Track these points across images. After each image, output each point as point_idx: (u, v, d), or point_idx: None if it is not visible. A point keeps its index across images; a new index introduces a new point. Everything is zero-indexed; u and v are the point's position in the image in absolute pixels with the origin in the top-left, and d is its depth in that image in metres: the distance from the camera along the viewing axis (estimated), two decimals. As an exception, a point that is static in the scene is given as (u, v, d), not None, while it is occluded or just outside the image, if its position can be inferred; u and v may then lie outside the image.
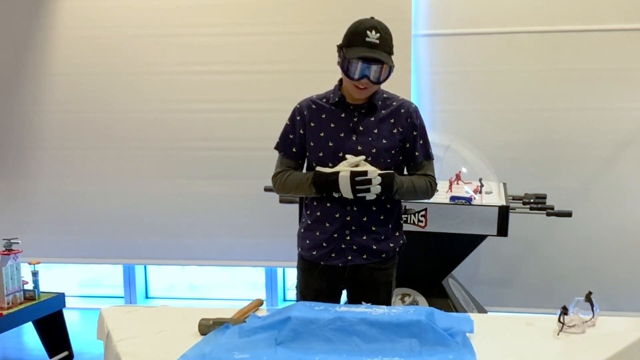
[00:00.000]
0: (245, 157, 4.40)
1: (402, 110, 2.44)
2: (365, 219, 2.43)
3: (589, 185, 4.22)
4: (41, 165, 4.66)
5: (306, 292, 2.51)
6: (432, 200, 3.26)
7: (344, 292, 2.59)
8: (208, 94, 4.43)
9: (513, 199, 3.62)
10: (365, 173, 2.29)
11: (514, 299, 4.39)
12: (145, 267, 5.07)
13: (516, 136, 4.24)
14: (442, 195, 3.37)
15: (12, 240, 3.58)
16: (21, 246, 3.62)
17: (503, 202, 3.28)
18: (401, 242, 2.55)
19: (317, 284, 2.49)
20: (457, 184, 3.55)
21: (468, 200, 3.24)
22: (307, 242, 2.51)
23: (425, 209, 3.22)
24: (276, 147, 2.54)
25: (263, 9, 4.34)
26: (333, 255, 2.46)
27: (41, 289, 3.72)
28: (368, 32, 2.30)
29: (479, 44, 4.22)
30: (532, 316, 2.19)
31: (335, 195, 2.37)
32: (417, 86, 4.30)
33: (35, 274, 3.66)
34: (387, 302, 2.53)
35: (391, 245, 2.50)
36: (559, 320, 2.01)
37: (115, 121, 4.55)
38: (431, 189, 2.49)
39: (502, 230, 3.19)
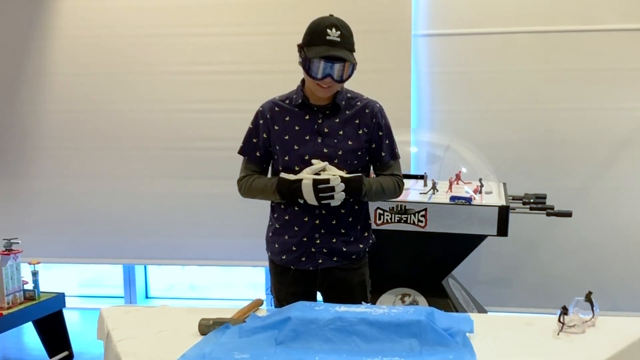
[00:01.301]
0: (245, 157, 4.40)
1: (367, 110, 2.43)
2: (334, 222, 2.42)
3: (589, 185, 4.22)
4: (41, 165, 4.67)
5: (281, 296, 2.50)
6: (432, 200, 3.28)
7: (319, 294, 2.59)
8: (208, 94, 4.43)
9: (513, 199, 3.62)
10: (327, 181, 2.27)
11: (514, 299, 4.39)
12: (145, 267, 5.07)
13: (516, 136, 4.24)
14: (442, 195, 3.37)
15: (12, 240, 3.58)
16: (21, 246, 3.62)
17: (503, 202, 3.27)
18: (370, 241, 2.56)
19: (291, 287, 2.48)
20: (457, 184, 3.55)
21: (468, 200, 3.24)
22: (276, 246, 2.49)
23: (425, 209, 3.22)
24: (240, 152, 2.50)
25: (263, 9, 4.34)
26: (303, 259, 2.45)
27: (41, 289, 3.72)
28: (328, 30, 2.27)
29: (479, 44, 4.22)
30: (532, 316, 2.19)
31: (300, 201, 2.35)
32: (417, 86, 4.30)
33: (35, 274, 3.67)
34: (365, 301, 2.52)
35: (361, 246, 2.50)
36: (559, 320, 2.01)
37: (115, 121, 4.55)
38: (399, 189, 2.49)
39: (502, 230, 3.19)
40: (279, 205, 2.47)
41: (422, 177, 3.65)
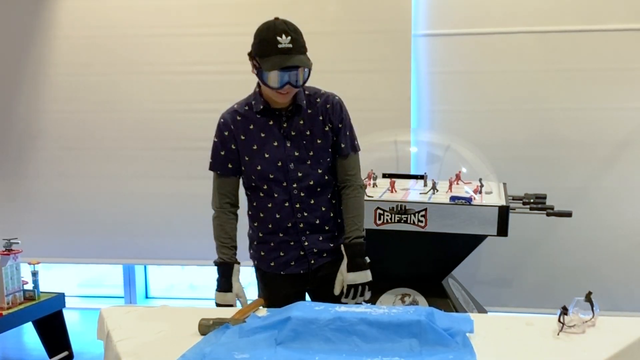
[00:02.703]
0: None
1: (328, 106, 2.41)
2: (317, 222, 2.43)
3: (589, 185, 4.22)
4: (41, 165, 4.67)
5: (271, 300, 2.45)
6: (432, 200, 3.28)
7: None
8: (208, 94, 4.43)
9: (513, 199, 3.62)
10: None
11: (514, 299, 4.39)
12: (145, 267, 5.07)
13: (516, 136, 4.24)
14: (442, 195, 3.37)
15: (12, 240, 3.58)
16: (21, 246, 3.62)
17: (503, 202, 3.27)
18: None
19: (281, 291, 2.46)
20: (457, 184, 3.55)
21: (468, 200, 3.24)
22: (262, 253, 2.49)
23: (425, 209, 3.22)
24: (211, 168, 2.46)
25: (263, 9, 4.32)
26: (292, 263, 2.45)
27: (41, 289, 3.72)
28: (279, 38, 2.21)
29: (479, 44, 4.22)
30: (532, 316, 2.19)
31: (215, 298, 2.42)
32: (417, 86, 4.30)
33: (35, 274, 3.67)
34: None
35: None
36: (559, 320, 2.00)
37: (115, 121, 4.56)
38: (363, 195, 2.50)
39: (502, 230, 3.19)
40: (258, 214, 2.45)
41: (422, 177, 3.65)
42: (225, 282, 2.41)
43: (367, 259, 2.44)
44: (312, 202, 2.41)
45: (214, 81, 4.42)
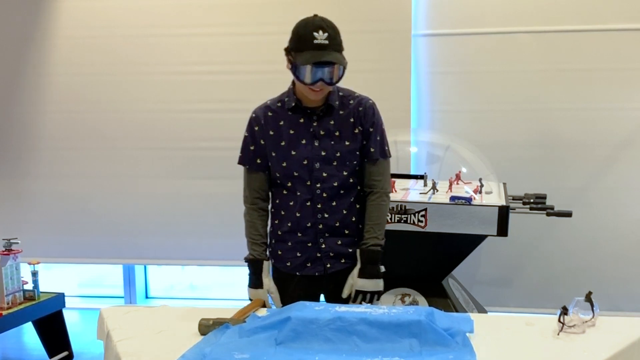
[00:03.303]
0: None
1: (360, 108, 2.40)
2: (337, 225, 2.42)
3: (589, 185, 4.22)
4: (41, 165, 4.67)
5: (284, 300, 2.46)
6: (432, 200, 3.28)
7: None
8: (208, 94, 4.43)
9: (513, 199, 3.62)
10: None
11: (514, 299, 4.39)
12: (145, 267, 5.07)
13: (516, 136, 4.24)
14: (442, 195, 3.37)
15: (12, 240, 3.58)
16: (21, 246, 3.62)
17: (503, 202, 3.27)
18: None
19: (295, 292, 2.45)
20: (457, 184, 3.55)
21: (468, 200, 3.24)
22: (280, 252, 2.48)
23: (425, 209, 3.22)
24: (240, 162, 2.47)
25: (262, 9, 4.34)
26: (309, 264, 2.45)
27: (41, 289, 3.72)
28: (315, 34, 2.21)
29: (479, 44, 4.22)
30: (532, 316, 2.19)
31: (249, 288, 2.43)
32: (416, 86, 4.30)
33: (35, 274, 3.66)
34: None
35: None
36: (559, 320, 2.01)
37: (114, 121, 4.55)
38: (387, 203, 2.45)
39: (502, 230, 3.19)
40: (279, 212, 2.46)
41: (422, 177, 3.65)
42: (256, 279, 2.42)
43: (383, 268, 2.42)
44: (334, 204, 2.40)
45: (214, 81, 4.42)
